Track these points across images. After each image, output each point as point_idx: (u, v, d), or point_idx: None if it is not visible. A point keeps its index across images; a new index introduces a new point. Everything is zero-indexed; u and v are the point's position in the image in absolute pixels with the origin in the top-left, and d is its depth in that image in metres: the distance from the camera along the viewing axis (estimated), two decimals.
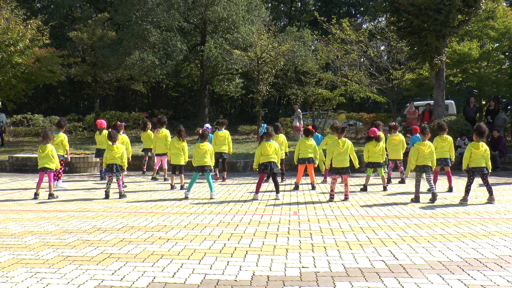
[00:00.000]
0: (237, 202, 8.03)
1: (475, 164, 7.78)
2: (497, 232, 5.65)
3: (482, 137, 7.80)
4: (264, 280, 3.86)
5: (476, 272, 4.07)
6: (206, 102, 24.89)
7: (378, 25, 26.72)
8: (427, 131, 8.28)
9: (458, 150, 13.71)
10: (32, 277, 3.97)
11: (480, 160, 7.75)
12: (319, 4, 41.19)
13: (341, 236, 5.46)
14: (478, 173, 7.77)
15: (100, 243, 5.13)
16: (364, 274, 4.02)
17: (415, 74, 18.98)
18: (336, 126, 8.87)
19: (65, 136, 10.18)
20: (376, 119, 18.26)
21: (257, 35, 18.73)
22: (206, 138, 8.78)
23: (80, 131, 24.14)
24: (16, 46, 17.58)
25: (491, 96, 18.96)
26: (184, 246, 4.98)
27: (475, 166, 7.78)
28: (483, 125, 7.92)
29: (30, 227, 6.05)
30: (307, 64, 22.28)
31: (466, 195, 7.85)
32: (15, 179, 11.89)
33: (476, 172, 7.78)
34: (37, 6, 35.48)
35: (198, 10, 22.46)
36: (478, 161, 7.75)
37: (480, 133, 7.80)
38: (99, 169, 12.13)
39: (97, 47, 21.56)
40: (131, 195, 8.98)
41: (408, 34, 14.78)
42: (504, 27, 18.16)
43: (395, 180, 11.00)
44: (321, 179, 11.27)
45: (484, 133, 7.79)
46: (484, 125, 7.92)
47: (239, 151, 15.72)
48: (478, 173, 7.77)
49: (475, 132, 7.89)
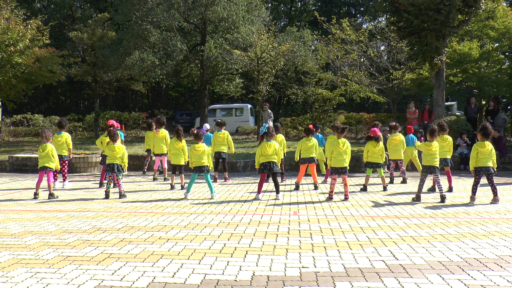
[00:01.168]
0: (237, 202, 8.03)
1: (481, 164, 7.79)
2: (497, 232, 5.65)
3: (488, 138, 7.82)
4: (264, 280, 3.86)
5: (476, 272, 4.07)
6: (206, 102, 24.86)
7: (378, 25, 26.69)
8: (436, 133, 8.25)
9: (458, 150, 13.72)
10: (32, 277, 3.97)
11: (486, 160, 7.76)
12: (319, 4, 41.19)
13: (341, 236, 5.46)
14: (484, 172, 7.78)
15: (100, 243, 5.13)
16: (364, 274, 4.02)
17: (415, 74, 18.97)
18: (336, 126, 8.87)
19: (68, 135, 10.21)
20: (376, 119, 18.28)
21: (257, 35, 18.72)
22: (201, 139, 8.75)
23: (80, 131, 24.15)
24: (16, 46, 17.58)
25: (491, 96, 18.95)
26: (184, 246, 4.98)
27: (481, 165, 7.78)
28: (488, 125, 7.93)
29: (30, 227, 6.05)
30: (307, 64, 22.26)
31: (473, 195, 7.87)
32: (15, 179, 11.89)
33: (482, 171, 7.79)
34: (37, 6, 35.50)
35: (198, 10, 22.44)
36: (485, 160, 7.76)
37: (485, 134, 7.82)
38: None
39: (97, 47, 21.54)
40: (131, 195, 8.98)
41: (408, 34, 14.78)
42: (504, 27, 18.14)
43: (396, 180, 10.99)
44: (322, 179, 11.26)
45: (490, 134, 7.82)
46: (489, 126, 7.93)
47: (239, 151, 15.72)
48: (484, 172, 7.78)
49: (481, 132, 7.90)
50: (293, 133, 21.26)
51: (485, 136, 7.82)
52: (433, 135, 8.23)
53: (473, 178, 8.03)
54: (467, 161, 13.34)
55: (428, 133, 8.36)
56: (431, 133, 8.26)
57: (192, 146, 8.66)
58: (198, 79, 26.45)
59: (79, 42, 22.37)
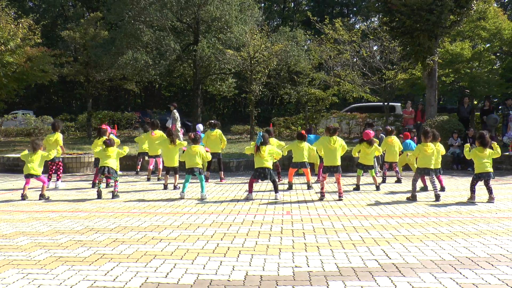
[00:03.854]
0: (230, 202, 8.03)
1: (481, 170, 7.80)
2: (488, 231, 5.70)
3: (486, 147, 7.85)
4: (257, 280, 3.86)
5: (468, 271, 4.10)
6: (199, 102, 24.84)
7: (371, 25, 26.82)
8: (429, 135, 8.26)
9: (450, 150, 13.80)
10: (24, 278, 3.94)
11: (486, 165, 7.79)
12: (312, 4, 41.29)
13: (334, 235, 5.48)
14: (485, 178, 7.80)
15: (92, 244, 5.10)
16: (357, 273, 4.03)
17: (408, 74, 19.07)
18: (328, 127, 8.89)
19: (60, 135, 10.15)
20: (368, 118, 18.35)
21: (250, 35, 18.73)
22: (198, 142, 8.89)
23: (72, 131, 23.98)
24: (7, 45, 17.41)
25: (483, 96, 19.11)
26: (177, 246, 4.97)
27: (482, 171, 7.80)
28: (486, 135, 7.97)
29: (21, 227, 6.00)
30: (300, 64, 22.30)
31: (473, 194, 7.88)
32: (6, 180, 11.79)
33: (482, 177, 7.82)
34: (29, 5, 35.23)
35: (191, 10, 22.41)
36: (484, 165, 7.78)
37: (483, 144, 7.85)
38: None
39: (90, 46, 21.40)
40: (124, 195, 8.94)
41: (400, 34, 14.85)
42: (495, 27, 18.32)
43: (390, 180, 11.03)
44: (315, 179, 11.27)
45: (488, 144, 7.86)
46: (487, 135, 7.97)
47: (232, 151, 15.70)
48: (485, 178, 7.81)
49: (479, 141, 7.93)
50: (286, 133, 21.28)
51: (483, 145, 7.86)
52: (427, 136, 8.25)
53: (465, 178, 8.07)
54: (459, 161, 13.47)
55: (422, 134, 8.40)
56: (425, 134, 8.29)
57: (188, 147, 8.74)
58: (191, 79, 26.41)
59: (71, 42, 22.21)
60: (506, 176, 12.13)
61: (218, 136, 11.05)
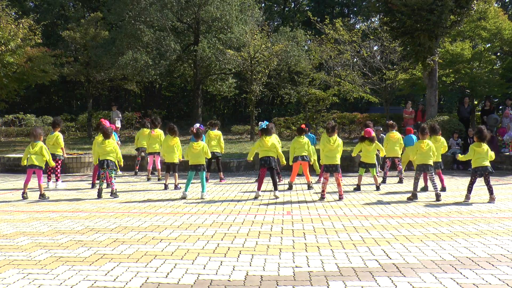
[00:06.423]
0: (231, 202, 8.03)
1: (478, 164, 7.91)
2: (489, 231, 5.69)
3: (484, 141, 7.98)
4: (257, 280, 3.86)
5: (469, 271, 4.10)
6: (199, 102, 24.84)
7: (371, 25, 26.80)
8: (426, 131, 8.46)
9: (451, 150, 13.80)
10: (24, 278, 3.94)
11: (483, 159, 7.88)
12: (312, 5, 41.24)
13: (334, 235, 5.47)
14: (482, 172, 7.88)
15: (93, 244, 5.10)
16: (357, 274, 4.03)
17: (408, 74, 19.07)
18: (327, 126, 8.90)
19: (60, 135, 10.14)
20: (369, 119, 18.34)
21: (250, 35, 18.73)
22: (200, 137, 8.78)
23: (73, 131, 24.00)
24: (8, 46, 17.41)
25: (483, 96, 19.10)
26: (177, 246, 4.97)
27: (479, 165, 7.90)
28: (484, 129, 8.10)
29: (22, 228, 6.00)
30: (301, 64, 22.30)
31: (468, 194, 7.99)
32: (6, 180, 11.80)
33: (479, 171, 7.90)
34: (29, 5, 35.20)
35: (191, 10, 22.41)
36: (481, 160, 7.88)
37: (481, 138, 7.96)
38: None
39: (90, 46, 21.40)
40: (124, 195, 8.94)
41: (401, 34, 14.84)
42: (495, 27, 18.30)
43: (391, 180, 11.02)
44: (315, 179, 11.27)
45: (486, 138, 7.99)
46: (485, 130, 8.09)
47: (233, 151, 15.70)
48: (482, 172, 7.88)
49: (477, 136, 8.05)
50: (287, 133, 21.28)
51: (481, 139, 7.98)
52: (424, 133, 8.40)
53: (465, 177, 8.10)
54: (460, 161, 13.45)
55: (419, 131, 8.53)
56: (422, 131, 8.45)
57: (190, 144, 8.66)
58: (191, 79, 26.40)
59: (72, 42, 22.23)
60: (506, 176, 12.13)
61: (218, 137, 11.08)
